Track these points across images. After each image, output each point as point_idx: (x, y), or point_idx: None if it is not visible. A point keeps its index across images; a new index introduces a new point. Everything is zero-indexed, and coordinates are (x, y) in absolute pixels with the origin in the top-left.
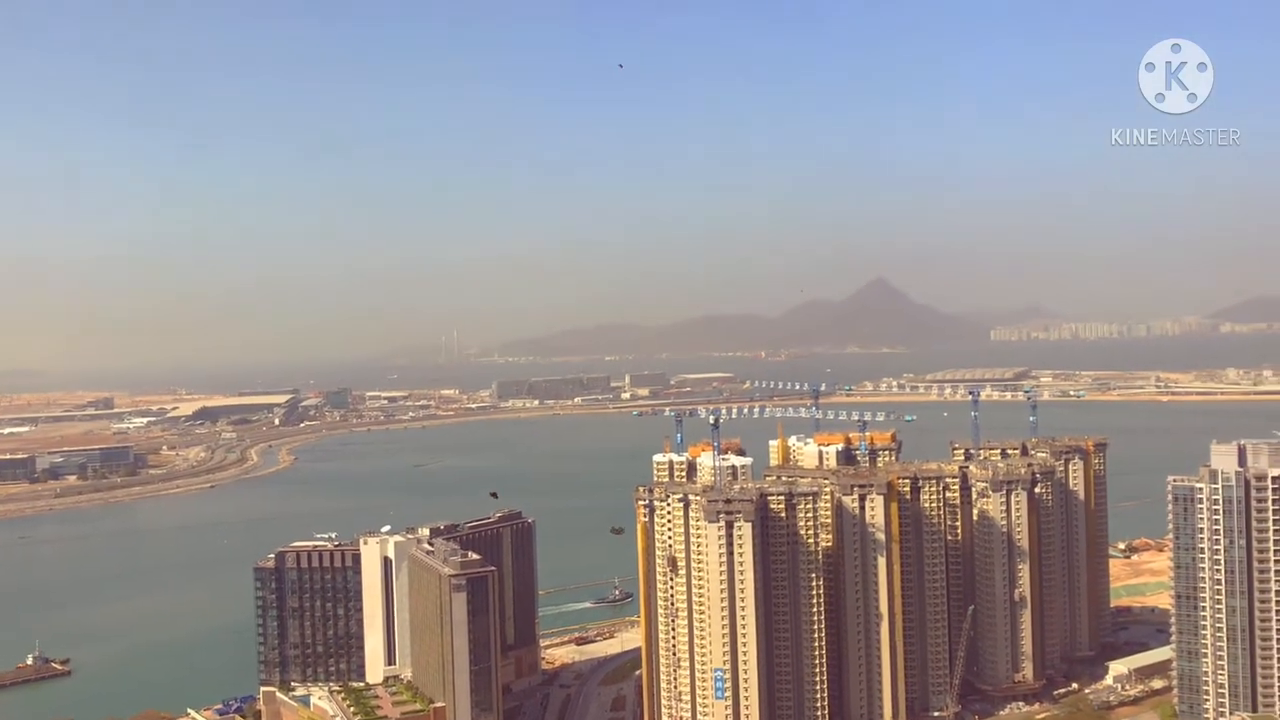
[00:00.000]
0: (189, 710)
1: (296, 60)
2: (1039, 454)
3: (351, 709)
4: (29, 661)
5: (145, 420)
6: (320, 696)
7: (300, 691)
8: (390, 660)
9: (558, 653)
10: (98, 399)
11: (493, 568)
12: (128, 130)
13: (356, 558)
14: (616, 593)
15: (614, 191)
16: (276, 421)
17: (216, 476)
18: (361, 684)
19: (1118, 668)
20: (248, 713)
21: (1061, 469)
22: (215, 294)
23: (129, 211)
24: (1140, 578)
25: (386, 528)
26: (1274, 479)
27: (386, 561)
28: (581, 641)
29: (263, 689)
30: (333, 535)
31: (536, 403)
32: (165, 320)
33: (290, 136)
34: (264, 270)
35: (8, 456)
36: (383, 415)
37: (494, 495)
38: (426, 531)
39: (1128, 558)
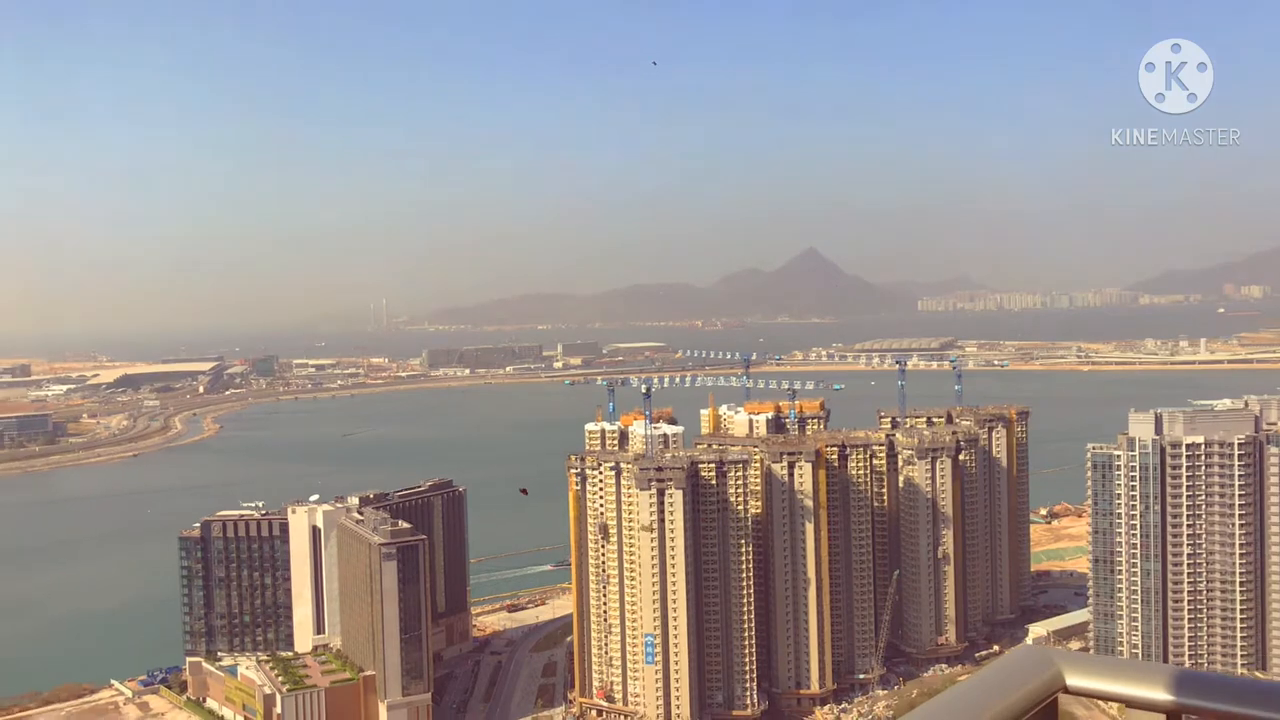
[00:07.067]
0: (112, 682)
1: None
2: (963, 422)
3: (280, 678)
4: None
5: (64, 388)
6: (248, 666)
7: (227, 662)
8: (319, 629)
9: (489, 620)
10: (13, 365)
11: (423, 536)
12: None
13: (284, 527)
14: None
15: (543, 161)
16: (201, 389)
17: (139, 445)
18: (290, 653)
19: (1037, 630)
20: (173, 683)
21: (985, 437)
22: (137, 260)
23: (43, 175)
24: (1060, 543)
25: (315, 496)
26: (1188, 446)
27: (315, 530)
28: (513, 608)
29: (189, 659)
30: (260, 504)
31: (467, 371)
32: (85, 286)
33: (215, 94)
34: (187, 236)
35: None
36: (310, 383)
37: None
38: (356, 500)
39: (1048, 523)
